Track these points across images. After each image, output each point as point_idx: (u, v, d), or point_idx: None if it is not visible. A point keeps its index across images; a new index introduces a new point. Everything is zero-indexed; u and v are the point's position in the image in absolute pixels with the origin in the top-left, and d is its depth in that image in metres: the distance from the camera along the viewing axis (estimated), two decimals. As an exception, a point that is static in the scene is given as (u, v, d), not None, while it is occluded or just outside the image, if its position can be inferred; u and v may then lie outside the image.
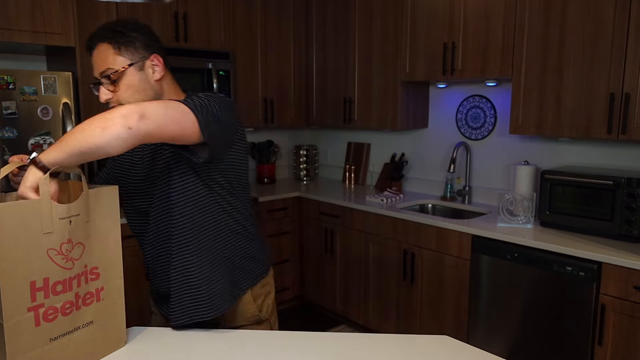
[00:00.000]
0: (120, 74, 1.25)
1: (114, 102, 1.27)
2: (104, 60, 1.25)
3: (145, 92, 1.29)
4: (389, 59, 3.22)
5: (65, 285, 1.06)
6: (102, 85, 1.25)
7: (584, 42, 2.32)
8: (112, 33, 1.25)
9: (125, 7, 2.90)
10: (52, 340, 1.04)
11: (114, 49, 1.25)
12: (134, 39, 1.26)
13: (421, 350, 1.24)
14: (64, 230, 1.04)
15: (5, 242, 0.95)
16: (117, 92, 1.26)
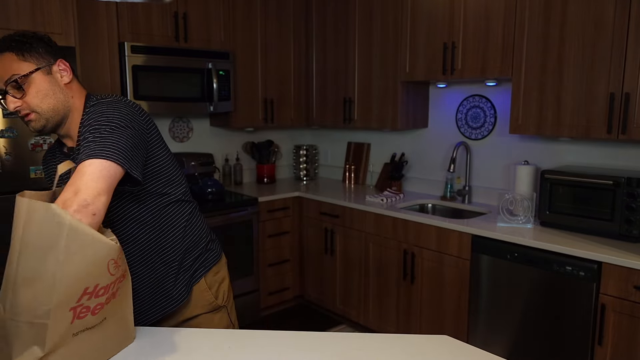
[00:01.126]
0: (27, 78, 1.24)
1: (24, 109, 1.25)
2: (8, 68, 1.23)
3: (56, 95, 1.29)
4: (389, 59, 3.22)
5: (106, 289, 1.07)
6: (8, 94, 1.23)
7: (584, 42, 2.32)
8: (13, 42, 1.24)
9: (125, 7, 2.90)
10: (74, 335, 1.04)
11: (17, 55, 1.23)
12: (37, 46, 1.27)
13: (421, 350, 1.24)
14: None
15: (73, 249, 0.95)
16: (26, 99, 1.24)
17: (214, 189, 3.27)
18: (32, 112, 1.26)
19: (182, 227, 1.44)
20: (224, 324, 1.52)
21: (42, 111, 1.27)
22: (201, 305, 1.48)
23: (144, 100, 2.98)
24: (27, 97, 1.24)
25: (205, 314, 1.49)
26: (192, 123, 3.68)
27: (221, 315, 1.52)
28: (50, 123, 1.30)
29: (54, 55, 1.30)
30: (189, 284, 1.45)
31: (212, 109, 3.27)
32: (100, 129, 1.15)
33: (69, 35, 2.53)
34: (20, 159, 2.40)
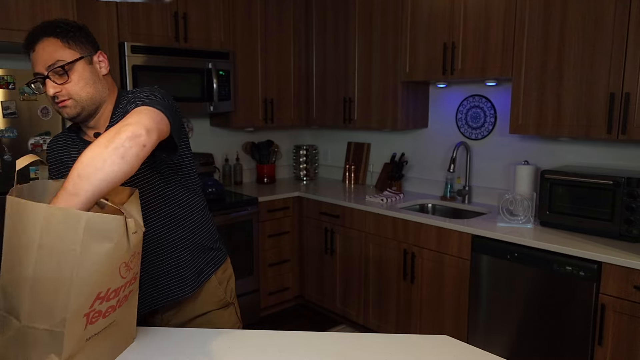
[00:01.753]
0: (72, 65, 1.25)
1: (63, 95, 1.26)
2: (52, 53, 1.23)
3: (95, 85, 1.31)
4: (389, 59, 3.22)
5: (117, 292, 1.05)
6: (49, 79, 1.24)
7: (584, 42, 2.32)
8: (58, 28, 1.25)
9: (125, 7, 2.90)
10: (87, 340, 1.03)
11: (63, 42, 1.25)
12: (80, 35, 1.29)
13: (421, 350, 1.24)
14: (133, 243, 1.04)
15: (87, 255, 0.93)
16: (67, 85, 1.26)
17: (214, 189, 3.27)
18: (70, 98, 1.27)
19: (197, 217, 1.47)
20: (233, 320, 1.56)
21: (81, 99, 1.28)
22: (213, 302, 1.51)
23: (144, 100, 2.98)
24: (68, 84, 1.25)
25: (216, 310, 1.51)
26: (192, 123, 3.68)
27: (230, 312, 1.55)
28: (85, 111, 1.31)
29: (94, 46, 1.33)
30: (199, 277, 1.47)
31: (212, 109, 3.27)
32: (149, 96, 1.20)
33: (69, 35, 2.53)
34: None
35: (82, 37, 1.29)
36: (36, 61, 1.25)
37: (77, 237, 0.91)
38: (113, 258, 0.98)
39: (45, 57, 1.23)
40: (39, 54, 1.24)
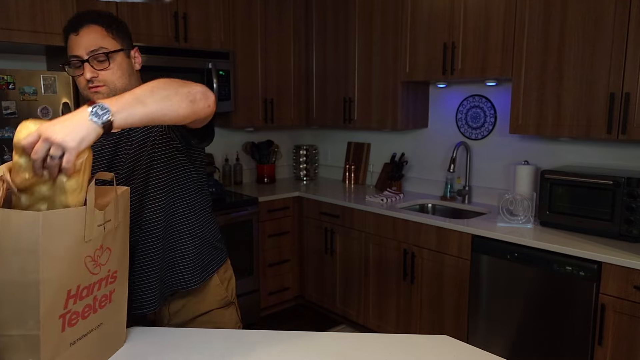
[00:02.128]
0: (114, 54, 1.30)
1: (99, 81, 1.29)
2: (96, 40, 1.28)
3: (130, 78, 1.35)
4: (389, 59, 3.22)
5: (89, 289, 1.04)
6: (88, 63, 1.28)
7: (584, 42, 2.32)
8: (104, 18, 1.31)
9: (125, 7, 2.90)
10: (72, 344, 1.02)
11: (107, 31, 1.30)
12: (122, 28, 1.36)
13: (421, 350, 1.24)
14: (99, 237, 1.03)
15: (49, 253, 0.91)
16: (105, 71, 1.29)
17: (214, 189, 3.27)
18: (105, 85, 1.30)
19: (206, 212, 1.50)
20: (234, 319, 1.57)
21: (115, 88, 1.31)
22: (215, 301, 1.52)
23: (144, 100, 2.98)
24: (106, 71, 1.29)
25: (218, 309, 1.53)
26: (192, 123, 3.68)
27: (231, 311, 1.57)
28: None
29: (131, 41, 1.39)
30: (203, 272, 1.48)
31: (212, 109, 3.27)
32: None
33: (69, 35, 2.53)
34: (20, 159, 2.40)
35: (123, 31, 1.35)
36: (77, 44, 1.27)
37: (36, 237, 0.89)
38: (75, 252, 0.97)
39: (88, 42, 1.27)
40: (82, 38, 1.27)
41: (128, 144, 1.37)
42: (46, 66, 2.97)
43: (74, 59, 1.29)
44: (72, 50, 1.29)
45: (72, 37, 1.29)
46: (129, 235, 1.24)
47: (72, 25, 1.29)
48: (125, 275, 1.19)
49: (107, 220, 1.05)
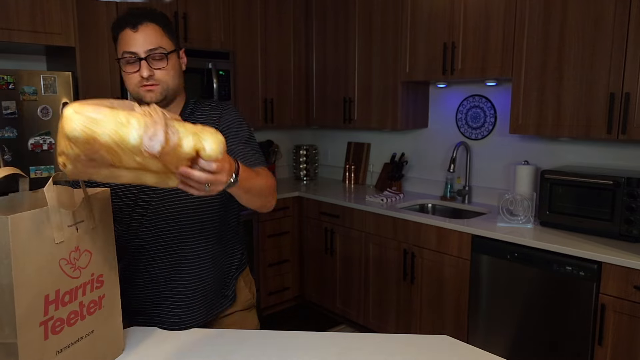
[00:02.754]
0: (172, 54, 1.31)
1: (153, 80, 1.29)
2: (154, 38, 1.27)
3: (179, 78, 1.37)
4: (389, 59, 3.22)
5: (72, 295, 1.02)
6: (144, 61, 1.27)
7: (584, 42, 2.32)
8: (161, 17, 1.32)
9: (125, 7, 2.90)
10: (59, 352, 1.00)
11: (164, 31, 1.31)
12: (174, 29, 1.37)
13: (421, 350, 1.24)
14: (71, 238, 1.01)
15: (20, 256, 0.90)
16: (161, 70, 1.29)
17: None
18: (159, 84, 1.30)
19: (235, 221, 1.51)
20: (255, 322, 1.60)
21: (168, 87, 1.32)
22: (240, 302, 1.54)
23: (144, 100, 2.98)
24: (162, 71, 1.29)
25: (241, 311, 1.54)
26: (192, 123, 3.68)
27: (253, 314, 1.59)
28: (166, 100, 1.34)
29: (179, 42, 1.40)
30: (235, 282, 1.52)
31: (212, 109, 3.27)
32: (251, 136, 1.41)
33: (69, 35, 2.53)
34: (20, 159, 2.40)
35: (174, 32, 1.37)
36: (134, 41, 1.26)
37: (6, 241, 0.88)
38: (47, 254, 0.95)
39: (147, 39, 1.26)
40: (140, 35, 1.26)
41: None
42: (46, 66, 2.97)
43: (128, 55, 1.27)
44: (129, 46, 1.27)
45: (129, 32, 1.27)
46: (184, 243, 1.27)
47: (130, 20, 1.27)
48: (115, 280, 1.17)
49: (78, 221, 1.03)
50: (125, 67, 1.29)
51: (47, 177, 2.32)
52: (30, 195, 1.09)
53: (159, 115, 0.86)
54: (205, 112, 1.42)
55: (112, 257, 1.16)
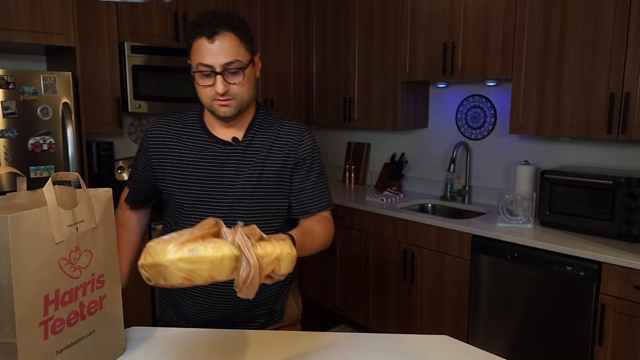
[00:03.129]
0: (248, 66, 1.23)
1: (229, 94, 1.22)
2: (231, 51, 1.18)
3: (254, 89, 1.29)
4: (389, 59, 3.22)
5: (72, 295, 1.02)
6: (222, 76, 1.19)
7: (584, 42, 2.32)
8: (236, 24, 1.20)
9: (125, 7, 2.90)
10: (59, 352, 0.99)
11: (241, 41, 1.20)
12: (250, 34, 1.25)
13: (421, 350, 1.24)
14: (71, 237, 1.01)
15: (20, 255, 0.89)
16: (236, 86, 1.21)
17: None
18: (234, 99, 1.23)
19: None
20: None
21: (243, 101, 1.25)
22: (288, 317, 1.49)
23: (144, 100, 2.98)
24: (237, 86, 1.22)
25: (288, 326, 1.49)
26: (192, 123, 3.68)
27: (298, 328, 1.54)
28: (239, 113, 1.28)
29: (254, 46, 1.29)
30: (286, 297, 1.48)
31: (212, 109, 3.27)
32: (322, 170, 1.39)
33: (69, 35, 2.53)
34: (20, 159, 2.40)
35: (251, 37, 1.26)
36: (210, 53, 1.18)
37: (6, 240, 0.88)
38: (47, 254, 0.95)
39: (224, 53, 1.18)
40: (216, 47, 1.18)
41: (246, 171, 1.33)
42: (46, 66, 2.97)
43: (203, 68, 1.19)
44: (204, 58, 1.18)
45: (205, 42, 1.18)
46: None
47: (207, 29, 1.18)
48: (116, 280, 1.17)
49: (79, 221, 1.03)
50: (200, 80, 1.22)
51: (47, 177, 2.32)
52: (30, 194, 1.09)
53: (252, 255, 0.89)
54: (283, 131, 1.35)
55: (113, 257, 1.16)
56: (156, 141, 1.36)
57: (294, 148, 1.34)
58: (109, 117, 2.92)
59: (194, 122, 1.37)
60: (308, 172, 1.35)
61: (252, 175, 1.31)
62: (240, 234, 0.90)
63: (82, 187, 1.06)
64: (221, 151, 1.32)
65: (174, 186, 1.33)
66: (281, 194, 1.35)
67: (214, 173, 1.31)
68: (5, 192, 2.27)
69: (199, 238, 0.88)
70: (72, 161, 2.48)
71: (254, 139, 1.33)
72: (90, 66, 2.81)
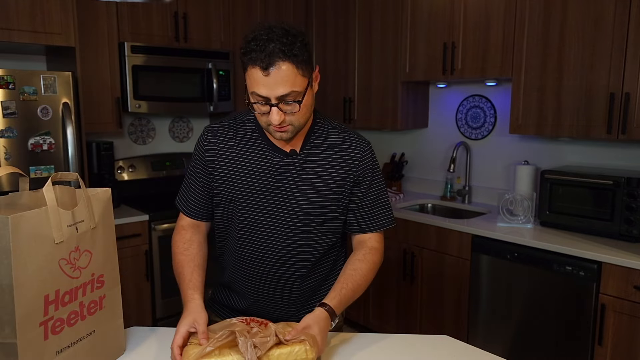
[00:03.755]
0: (306, 92, 1.18)
1: (285, 122, 1.18)
2: (288, 82, 1.13)
3: (311, 110, 1.25)
4: (389, 59, 3.22)
5: (72, 295, 1.02)
6: (277, 107, 1.15)
7: (584, 42, 2.32)
8: (294, 50, 1.12)
9: (125, 7, 2.90)
10: (59, 353, 0.99)
11: (297, 69, 1.14)
12: (307, 53, 1.17)
13: (421, 350, 1.24)
14: (71, 238, 1.01)
15: (20, 256, 0.90)
16: (292, 115, 1.17)
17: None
18: (291, 125, 1.19)
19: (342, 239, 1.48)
20: None
21: (300, 125, 1.22)
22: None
23: (144, 100, 2.98)
24: (293, 115, 1.18)
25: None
26: (192, 123, 3.68)
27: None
28: (297, 134, 1.25)
29: (312, 62, 1.22)
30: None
31: (212, 109, 3.27)
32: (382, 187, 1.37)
33: (69, 35, 2.53)
34: (20, 159, 2.40)
35: (308, 55, 1.18)
36: (266, 85, 1.13)
37: (7, 241, 0.88)
38: (47, 254, 0.95)
39: (279, 85, 1.12)
40: (272, 79, 1.12)
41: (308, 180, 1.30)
42: (46, 66, 2.97)
43: (258, 97, 1.15)
44: (259, 89, 1.13)
45: (259, 73, 1.12)
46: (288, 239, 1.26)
47: (262, 58, 1.11)
48: (116, 280, 1.17)
49: (78, 221, 1.03)
50: (255, 107, 1.18)
51: (47, 177, 2.32)
52: (30, 195, 1.08)
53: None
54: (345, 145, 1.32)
55: (113, 257, 1.16)
56: (213, 146, 1.32)
57: (356, 164, 1.31)
58: (109, 117, 2.92)
59: (251, 128, 1.33)
60: (368, 189, 1.33)
61: (310, 188, 1.28)
62: (251, 346, 1.04)
63: (81, 187, 1.06)
64: (280, 161, 1.28)
65: (230, 191, 1.30)
66: (339, 209, 1.32)
67: (271, 184, 1.28)
68: (6, 192, 2.27)
69: (217, 349, 1.05)
70: (72, 161, 2.48)
71: (312, 151, 1.30)
72: (90, 66, 2.81)
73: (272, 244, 1.30)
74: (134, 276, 2.80)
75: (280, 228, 1.29)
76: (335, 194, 1.30)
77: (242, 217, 1.30)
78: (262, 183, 1.28)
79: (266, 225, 1.29)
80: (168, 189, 3.43)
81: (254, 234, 1.30)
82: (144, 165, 3.35)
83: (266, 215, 1.29)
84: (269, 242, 1.30)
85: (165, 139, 3.54)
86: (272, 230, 1.29)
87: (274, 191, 1.28)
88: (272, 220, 1.29)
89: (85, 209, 1.06)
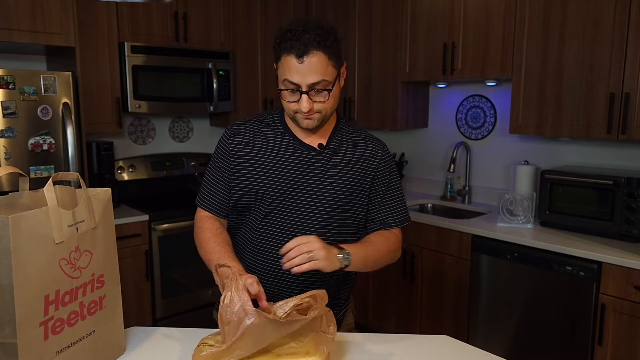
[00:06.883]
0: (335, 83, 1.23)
1: (313, 110, 1.24)
2: (319, 70, 1.19)
3: (337, 101, 1.29)
4: (389, 59, 3.22)
5: (72, 295, 1.02)
6: (307, 95, 1.21)
7: (584, 42, 2.32)
8: (327, 40, 1.19)
9: (125, 7, 2.90)
10: (59, 353, 0.99)
11: (329, 58, 1.20)
12: (338, 46, 1.24)
13: (421, 350, 1.24)
14: (72, 238, 1.01)
15: (20, 256, 0.90)
16: (321, 103, 1.23)
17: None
18: (318, 113, 1.25)
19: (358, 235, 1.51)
20: None
21: (327, 114, 1.27)
22: (346, 324, 1.50)
23: (144, 100, 2.98)
24: (322, 103, 1.23)
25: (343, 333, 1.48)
26: (192, 123, 3.68)
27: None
28: (322, 124, 1.30)
29: (342, 56, 1.28)
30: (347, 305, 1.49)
31: (212, 108, 3.27)
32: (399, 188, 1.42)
33: (69, 35, 2.53)
34: (20, 159, 2.40)
35: (339, 49, 1.24)
36: (298, 72, 1.19)
37: (7, 241, 0.88)
38: (48, 254, 0.95)
39: (311, 73, 1.19)
40: (305, 67, 1.18)
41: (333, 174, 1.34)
42: (46, 66, 2.97)
43: (289, 84, 1.21)
44: (292, 76, 1.19)
45: (294, 60, 1.18)
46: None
47: (297, 46, 1.17)
48: (116, 280, 1.17)
49: (79, 221, 1.03)
50: (285, 95, 1.24)
51: (47, 177, 2.32)
52: (30, 194, 1.08)
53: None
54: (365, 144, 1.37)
55: (113, 257, 1.16)
56: (237, 143, 1.35)
57: (375, 163, 1.37)
58: (109, 117, 2.92)
59: (276, 124, 1.37)
60: (387, 189, 1.38)
61: (335, 182, 1.32)
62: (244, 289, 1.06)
63: (82, 187, 1.06)
64: (307, 156, 1.32)
65: (257, 185, 1.31)
66: (360, 204, 1.37)
67: (298, 177, 1.31)
68: (6, 192, 2.27)
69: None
70: (72, 161, 2.48)
71: (337, 147, 1.35)
72: (90, 66, 2.81)
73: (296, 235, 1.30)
74: (134, 276, 2.80)
75: (305, 221, 1.31)
76: (357, 188, 1.35)
77: (267, 210, 1.32)
78: (289, 176, 1.31)
79: (291, 218, 1.31)
80: (168, 189, 3.43)
81: (276, 228, 1.32)
82: (144, 165, 3.35)
83: (293, 208, 1.31)
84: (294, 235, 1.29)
85: (165, 139, 3.54)
86: (298, 223, 1.31)
87: (300, 184, 1.31)
88: (298, 213, 1.31)
89: (86, 209, 1.06)
